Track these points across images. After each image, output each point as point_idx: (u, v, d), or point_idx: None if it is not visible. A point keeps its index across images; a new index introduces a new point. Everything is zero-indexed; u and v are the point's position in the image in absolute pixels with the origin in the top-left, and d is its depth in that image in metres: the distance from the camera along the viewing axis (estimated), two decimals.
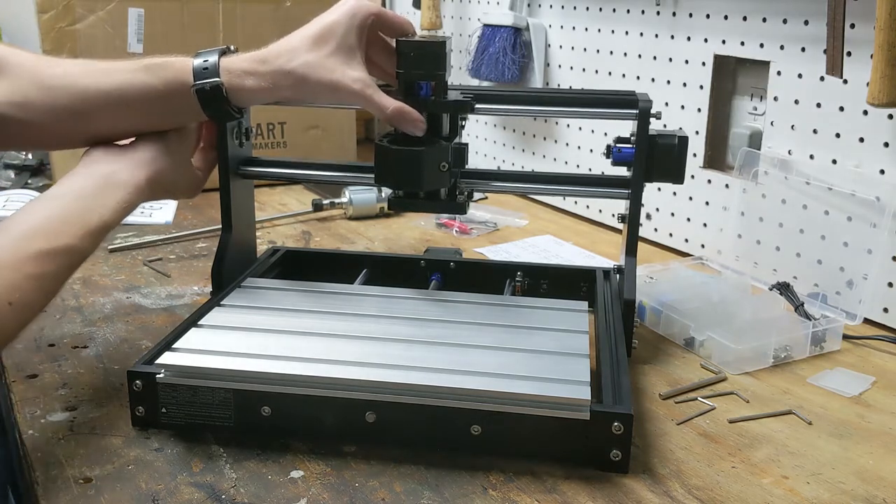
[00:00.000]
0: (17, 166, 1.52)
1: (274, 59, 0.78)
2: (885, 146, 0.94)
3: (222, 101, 0.78)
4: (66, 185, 0.72)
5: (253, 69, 0.78)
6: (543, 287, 0.98)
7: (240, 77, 0.78)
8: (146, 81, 0.77)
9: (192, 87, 0.77)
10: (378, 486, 0.65)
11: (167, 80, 0.77)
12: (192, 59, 0.78)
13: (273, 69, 0.78)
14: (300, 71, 0.78)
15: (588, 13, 1.33)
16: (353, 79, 0.78)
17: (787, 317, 0.93)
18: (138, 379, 0.70)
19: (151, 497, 0.63)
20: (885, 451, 0.72)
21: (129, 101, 0.76)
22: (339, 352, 0.73)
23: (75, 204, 0.70)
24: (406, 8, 1.76)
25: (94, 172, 0.74)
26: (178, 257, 1.16)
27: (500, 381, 0.68)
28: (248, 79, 0.78)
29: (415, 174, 0.81)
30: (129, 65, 0.77)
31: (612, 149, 0.87)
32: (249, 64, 0.79)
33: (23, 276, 0.63)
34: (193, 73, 0.77)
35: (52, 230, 0.67)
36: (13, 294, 0.62)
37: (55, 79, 0.76)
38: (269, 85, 0.78)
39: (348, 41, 0.79)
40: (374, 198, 1.35)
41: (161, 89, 0.77)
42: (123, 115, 0.77)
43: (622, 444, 0.66)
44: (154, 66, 0.77)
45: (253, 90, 0.79)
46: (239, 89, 0.78)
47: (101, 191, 0.73)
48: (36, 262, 0.64)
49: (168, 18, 1.40)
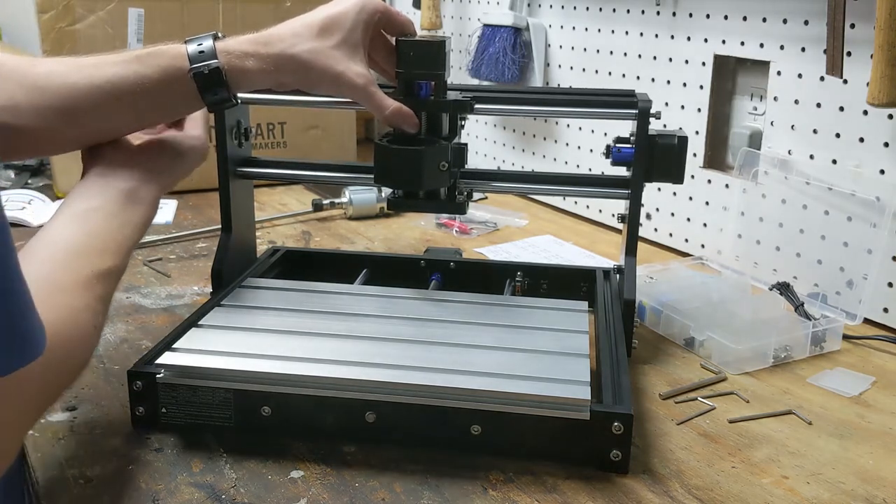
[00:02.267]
0: (17, 166, 1.52)
1: (277, 42, 0.75)
2: (885, 146, 0.94)
3: (222, 86, 0.74)
4: (85, 201, 0.70)
5: (254, 51, 0.75)
6: (543, 287, 0.98)
7: (240, 58, 0.74)
8: (139, 72, 0.72)
9: (189, 70, 0.72)
10: (378, 486, 0.65)
11: (161, 67, 0.73)
12: (186, 45, 0.74)
13: (276, 52, 0.75)
14: (304, 57, 0.75)
15: (588, 13, 1.33)
16: (357, 73, 0.77)
17: (787, 317, 0.93)
18: (138, 379, 0.70)
19: (151, 497, 0.63)
20: (885, 451, 0.72)
21: (122, 94, 0.72)
22: (339, 352, 0.73)
23: (107, 224, 0.68)
24: (406, 8, 1.76)
25: (113, 188, 0.72)
26: (178, 257, 1.16)
27: (500, 380, 0.68)
28: (248, 60, 0.75)
29: (414, 174, 0.81)
30: (120, 56, 0.73)
31: (612, 149, 0.87)
32: (250, 46, 0.75)
33: (94, 298, 0.62)
34: (189, 58, 0.73)
35: (98, 250, 0.65)
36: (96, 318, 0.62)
37: (41, 78, 0.72)
38: (271, 68, 0.75)
39: (354, 35, 0.77)
40: (374, 198, 1.35)
41: (156, 79, 0.72)
42: (117, 111, 0.73)
43: (622, 444, 0.66)
44: (146, 55, 0.73)
45: (254, 73, 0.75)
46: (240, 71, 0.74)
47: (126, 209, 0.71)
48: (99, 283, 0.63)
49: (168, 18, 1.40)
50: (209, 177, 0.90)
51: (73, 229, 0.67)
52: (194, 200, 1.40)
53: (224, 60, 0.73)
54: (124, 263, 0.68)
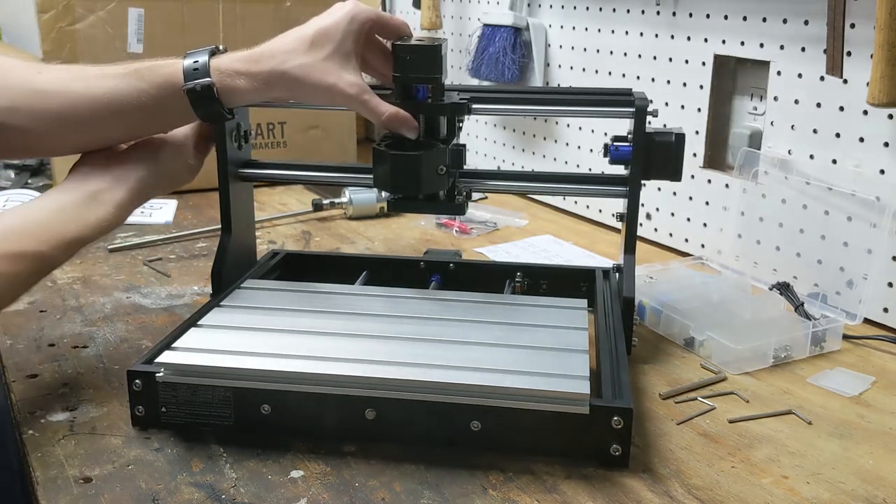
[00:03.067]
0: (17, 166, 1.52)
1: (268, 60, 0.77)
2: (885, 146, 0.94)
3: (213, 102, 0.77)
4: (52, 196, 0.74)
5: (245, 69, 0.77)
6: (543, 287, 0.98)
7: (231, 77, 0.77)
8: (137, 86, 0.76)
9: (183, 87, 0.76)
10: (378, 485, 0.65)
11: (157, 83, 0.76)
12: (182, 60, 0.77)
13: (267, 70, 0.77)
14: (295, 73, 0.77)
15: (588, 13, 1.33)
16: (349, 83, 0.77)
17: (787, 317, 0.93)
18: (138, 378, 0.70)
19: (151, 497, 0.63)
20: (885, 451, 0.72)
21: (120, 105, 0.75)
22: (339, 349, 0.73)
23: (55, 215, 0.72)
24: (406, 8, 1.76)
25: (81, 188, 0.75)
26: (178, 257, 1.16)
27: (500, 376, 0.68)
28: (239, 79, 0.77)
29: (412, 178, 0.81)
30: (120, 69, 0.77)
31: (610, 147, 0.87)
32: (242, 64, 0.77)
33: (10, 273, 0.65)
34: (184, 74, 0.76)
35: (26, 234, 0.69)
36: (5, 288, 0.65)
37: (45, 84, 0.75)
38: (262, 86, 0.77)
39: (345, 46, 0.78)
40: (374, 198, 1.35)
41: (152, 93, 0.76)
42: (115, 121, 0.76)
43: (622, 438, 0.66)
44: (144, 69, 0.76)
45: (245, 91, 0.78)
46: (231, 90, 0.77)
47: (84, 206, 0.74)
48: (20, 262, 0.67)
49: (168, 18, 1.40)
50: (209, 177, 0.91)
51: (19, 213, 0.72)
52: (194, 200, 1.40)
53: (216, 79, 0.76)
54: (59, 255, 0.71)
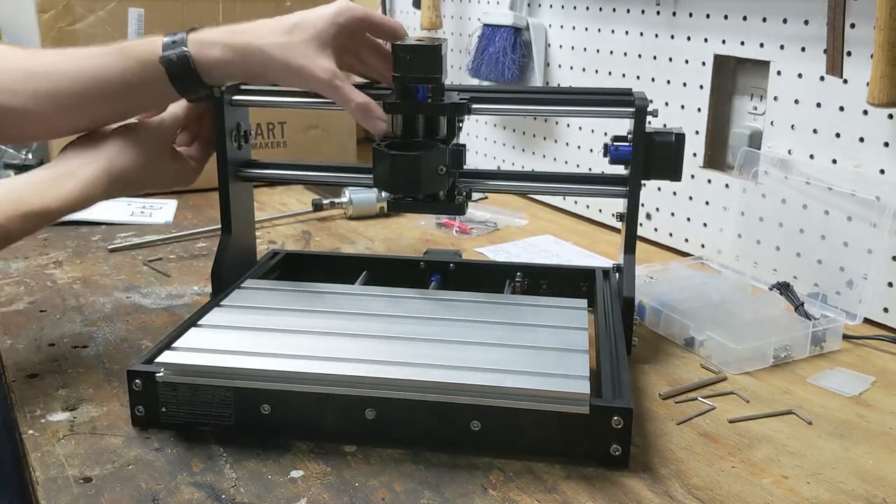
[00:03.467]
0: (17, 166, 1.52)
1: (246, 34, 0.79)
2: (885, 146, 0.94)
3: (191, 73, 0.78)
4: (31, 173, 0.77)
5: (221, 39, 0.79)
6: (543, 287, 0.98)
7: (207, 46, 0.79)
8: (122, 63, 0.78)
9: (160, 58, 0.78)
10: (378, 485, 0.65)
11: (140, 59, 0.78)
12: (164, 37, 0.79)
13: (242, 42, 0.79)
14: (269, 50, 0.78)
15: (588, 13, 1.33)
16: (322, 68, 0.78)
17: (787, 317, 0.93)
18: (138, 378, 0.70)
19: (151, 497, 0.63)
20: (885, 451, 0.72)
21: (107, 83, 0.78)
22: (339, 349, 0.73)
23: (24, 189, 0.74)
24: (406, 8, 1.76)
25: (57, 166, 0.78)
26: (178, 257, 1.16)
27: (500, 376, 0.68)
28: (214, 48, 0.79)
29: (412, 179, 0.81)
30: (108, 48, 0.79)
31: (610, 147, 0.87)
32: (219, 35, 0.80)
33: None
34: (162, 46, 0.78)
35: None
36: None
37: (37, 65, 0.78)
38: (237, 57, 0.79)
39: (324, 35, 0.79)
40: (374, 198, 1.35)
41: (136, 69, 0.78)
42: (102, 99, 0.78)
43: (622, 438, 0.66)
44: (128, 46, 0.79)
45: (220, 62, 0.79)
46: (206, 60, 0.79)
47: (55, 181, 0.76)
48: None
49: (168, 18, 1.40)
50: (209, 177, 0.91)
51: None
52: (194, 200, 1.40)
53: (193, 49, 0.78)
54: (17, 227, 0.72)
